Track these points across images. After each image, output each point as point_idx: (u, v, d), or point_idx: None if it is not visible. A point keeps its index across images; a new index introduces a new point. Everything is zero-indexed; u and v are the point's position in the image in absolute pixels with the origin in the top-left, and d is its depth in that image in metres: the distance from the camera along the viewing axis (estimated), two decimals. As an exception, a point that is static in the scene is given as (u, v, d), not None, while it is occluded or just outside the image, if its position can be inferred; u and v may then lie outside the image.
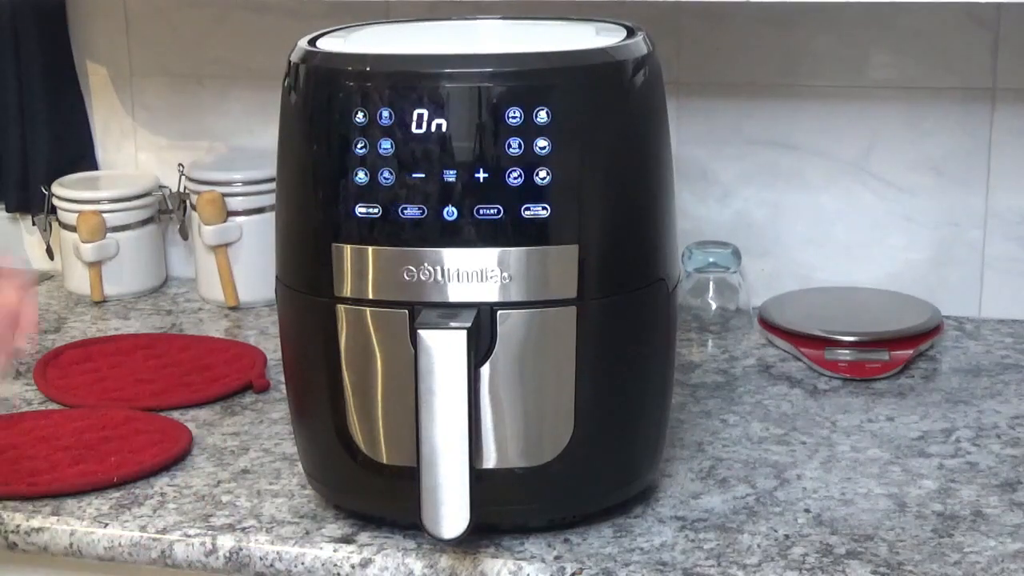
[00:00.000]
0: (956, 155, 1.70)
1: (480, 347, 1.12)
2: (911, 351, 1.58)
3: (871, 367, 1.55)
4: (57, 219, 1.88)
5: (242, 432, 1.43)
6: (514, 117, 1.10)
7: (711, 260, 1.69)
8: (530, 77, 1.11)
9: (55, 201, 1.87)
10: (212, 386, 1.52)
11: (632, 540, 1.19)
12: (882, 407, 1.47)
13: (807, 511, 1.24)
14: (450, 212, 1.11)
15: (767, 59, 1.72)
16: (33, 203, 1.93)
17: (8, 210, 1.99)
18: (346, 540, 1.20)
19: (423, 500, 1.11)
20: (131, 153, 1.96)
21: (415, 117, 1.11)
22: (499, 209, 1.11)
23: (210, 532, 1.22)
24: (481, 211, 1.11)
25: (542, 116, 1.10)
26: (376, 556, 1.18)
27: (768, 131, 1.74)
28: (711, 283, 1.70)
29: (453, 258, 1.12)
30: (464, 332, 1.10)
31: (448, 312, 1.12)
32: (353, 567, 1.18)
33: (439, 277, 1.12)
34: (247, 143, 1.89)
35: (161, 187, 1.89)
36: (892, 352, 1.57)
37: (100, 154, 1.97)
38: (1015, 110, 1.67)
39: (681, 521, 1.23)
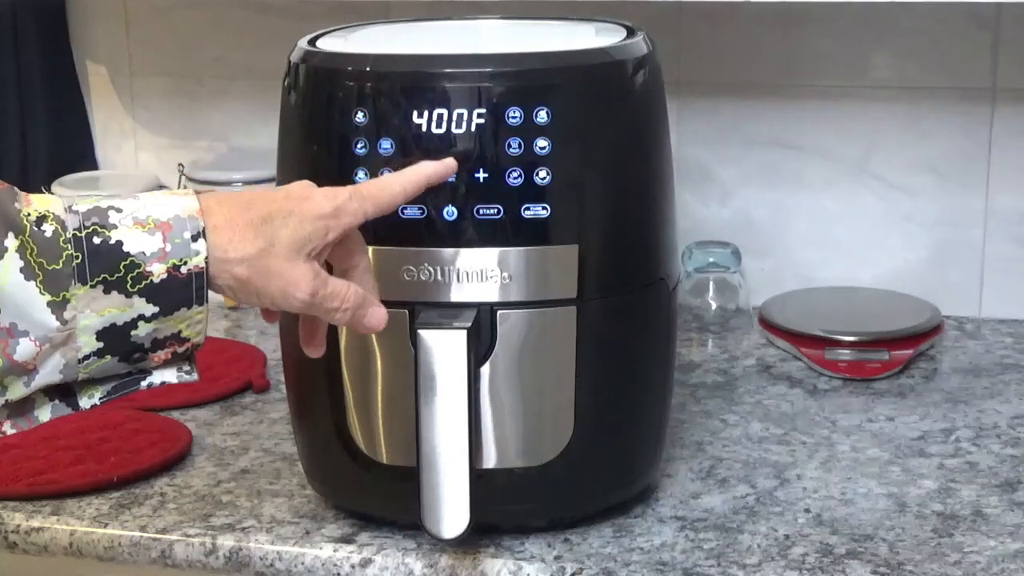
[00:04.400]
0: (956, 155, 1.70)
1: (480, 347, 1.12)
2: (911, 351, 1.58)
3: (871, 367, 1.55)
4: (57, 219, 1.88)
5: (242, 432, 1.43)
6: (514, 117, 1.10)
7: (711, 260, 1.69)
8: (530, 77, 1.11)
9: (55, 201, 1.87)
10: (212, 386, 1.52)
11: (632, 540, 1.19)
12: (882, 407, 1.47)
13: (807, 511, 1.24)
14: (450, 212, 1.11)
15: (767, 59, 1.72)
16: (33, 203, 1.93)
17: (8, 210, 1.99)
18: (346, 540, 1.20)
19: (423, 500, 1.11)
20: (131, 153, 1.96)
21: (415, 117, 1.11)
22: (499, 209, 1.11)
23: (210, 532, 1.22)
24: (481, 211, 1.11)
25: (542, 116, 1.10)
26: (376, 556, 1.18)
27: (768, 131, 1.74)
28: (711, 283, 1.70)
29: (453, 258, 1.12)
30: (464, 332, 1.09)
31: (448, 312, 1.12)
32: (353, 567, 1.18)
33: (439, 277, 1.12)
34: (247, 143, 1.89)
35: (161, 187, 1.89)
36: (892, 352, 1.57)
37: (100, 154, 1.97)
38: (1015, 110, 1.67)
39: (681, 521, 1.23)
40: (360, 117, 1.12)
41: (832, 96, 1.72)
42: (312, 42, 1.20)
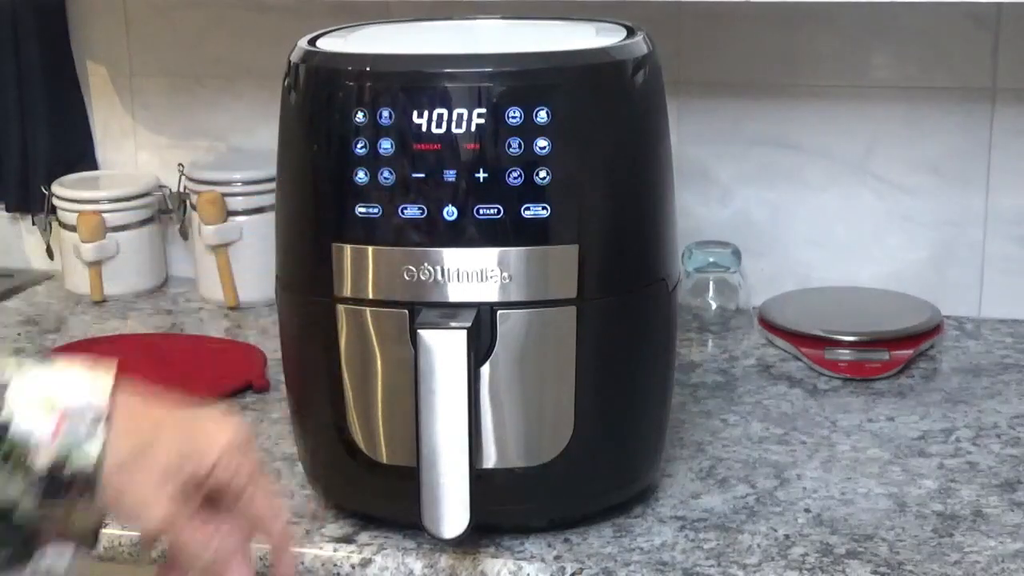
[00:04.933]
0: (956, 155, 1.70)
1: (480, 347, 1.12)
2: (911, 351, 1.58)
3: (871, 367, 1.55)
4: (57, 219, 1.88)
5: (242, 432, 1.43)
6: (514, 117, 1.10)
7: (711, 260, 1.69)
8: (530, 77, 1.11)
9: (55, 201, 1.87)
10: (212, 386, 1.52)
11: (632, 540, 1.19)
12: (882, 407, 1.47)
13: (807, 511, 1.24)
14: (450, 212, 1.11)
15: (767, 59, 1.72)
16: (33, 203, 1.94)
17: (8, 210, 1.99)
18: (346, 540, 1.20)
19: (423, 500, 1.11)
20: (131, 153, 1.96)
21: (415, 117, 1.11)
22: (499, 209, 1.11)
23: (210, 532, 1.22)
24: (481, 211, 1.11)
25: (542, 116, 1.10)
26: (376, 556, 1.18)
27: (768, 131, 1.74)
28: (711, 283, 1.70)
29: (453, 258, 1.12)
30: (464, 332, 1.10)
31: (448, 312, 1.12)
32: (353, 567, 1.18)
33: (439, 277, 1.12)
34: (247, 143, 1.89)
35: (161, 187, 1.89)
36: (892, 352, 1.57)
37: (100, 154, 1.97)
38: (1015, 110, 1.67)
39: (681, 521, 1.23)
40: (360, 117, 1.12)
41: (832, 96, 1.72)
42: (312, 42, 1.20)
